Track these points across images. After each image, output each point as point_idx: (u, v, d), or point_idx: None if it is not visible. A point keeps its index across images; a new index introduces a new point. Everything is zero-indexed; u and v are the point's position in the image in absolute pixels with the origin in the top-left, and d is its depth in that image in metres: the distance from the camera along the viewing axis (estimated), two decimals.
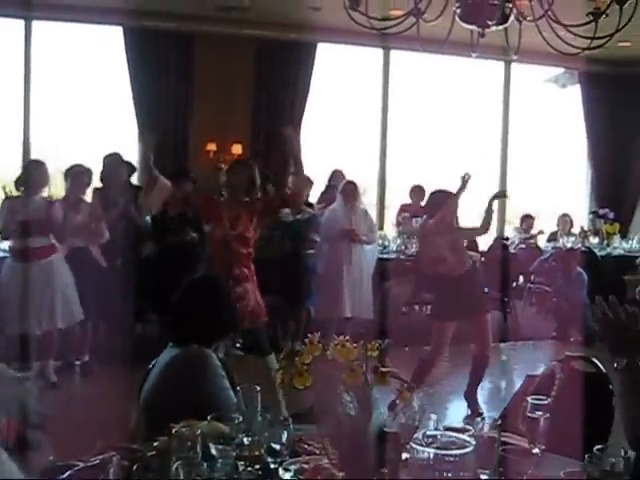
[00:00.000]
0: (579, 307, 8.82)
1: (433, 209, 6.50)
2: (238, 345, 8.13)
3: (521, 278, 10.14)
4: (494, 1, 4.42)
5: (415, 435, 1.85)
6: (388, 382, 1.96)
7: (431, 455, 1.81)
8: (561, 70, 12.56)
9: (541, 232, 10.72)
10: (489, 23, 4.34)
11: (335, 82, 11.00)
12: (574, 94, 12.28)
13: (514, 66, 11.61)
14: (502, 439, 2.22)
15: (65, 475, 1.87)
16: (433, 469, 1.85)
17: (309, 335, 2.02)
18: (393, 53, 11.03)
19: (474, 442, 1.88)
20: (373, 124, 11.19)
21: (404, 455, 1.95)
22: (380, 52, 11.04)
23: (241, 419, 2.32)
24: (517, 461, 2.16)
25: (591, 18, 4.64)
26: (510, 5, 4.28)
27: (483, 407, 6.87)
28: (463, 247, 6.66)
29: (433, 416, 2.18)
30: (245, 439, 2.29)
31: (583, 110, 12.07)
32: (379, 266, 8.63)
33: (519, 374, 8.22)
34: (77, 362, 7.21)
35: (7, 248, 6.94)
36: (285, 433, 2.39)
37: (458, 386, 7.51)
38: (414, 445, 1.81)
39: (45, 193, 6.73)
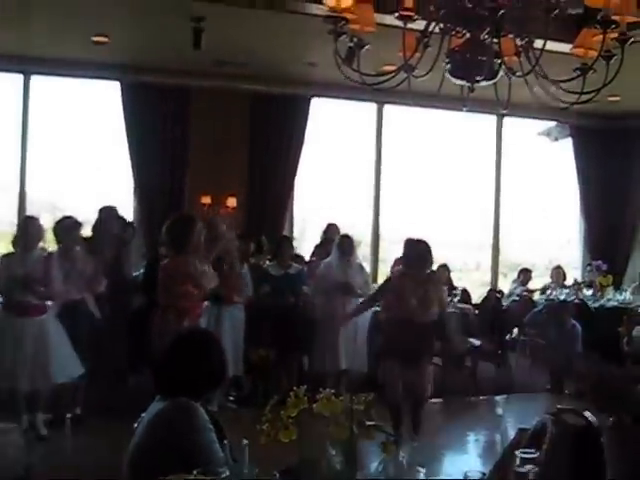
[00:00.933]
0: (573, 360, 8.82)
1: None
2: (231, 398, 8.11)
3: (515, 330, 10.12)
4: (482, 57, 4.52)
5: None
6: (374, 436, 1.96)
7: None
8: (553, 123, 12.71)
9: (545, 288, 10.69)
10: (478, 79, 4.43)
11: (329, 135, 11.12)
12: (566, 147, 12.42)
13: (506, 119, 11.77)
14: None
15: None
16: None
17: (294, 389, 2.02)
18: (386, 107, 11.17)
19: None
20: (367, 177, 11.29)
21: None
22: (374, 106, 11.18)
23: (227, 473, 2.32)
24: None
25: (579, 73, 4.74)
26: (499, 61, 4.38)
27: (477, 461, 6.82)
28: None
29: (422, 469, 2.17)
30: None
31: (575, 162, 12.20)
32: (375, 319, 8.61)
33: (513, 427, 8.17)
34: (69, 415, 7.14)
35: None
36: None
37: (450, 439, 7.48)
38: None
39: (40, 248, 6.76)
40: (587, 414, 3.50)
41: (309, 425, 1.97)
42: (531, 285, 10.97)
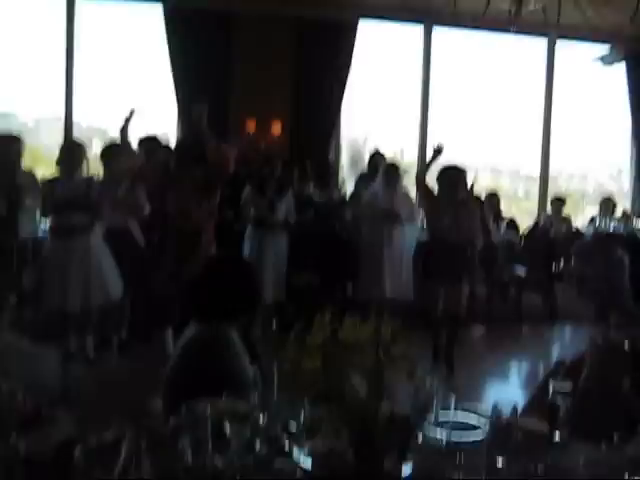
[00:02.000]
0: (619, 291, 8.69)
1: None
2: (274, 324, 8.15)
3: (562, 261, 9.97)
4: None
5: (428, 418, 1.83)
6: (400, 364, 1.92)
7: (443, 439, 1.79)
8: (606, 48, 12.25)
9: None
10: None
11: (375, 61, 10.88)
12: (619, 72, 11.98)
13: (558, 44, 11.37)
14: (523, 425, 2.19)
15: (76, 451, 1.89)
16: (445, 453, 1.83)
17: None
18: (435, 30, 10.87)
19: (488, 427, 1.85)
20: (414, 103, 11.07)
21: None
22: (421, 29, 10.89)
23: (257, 397, 2.31)
24: (534, 448, 2.12)
25: None
26: None
27: (515, 390, 6.83)
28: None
29: (452, 396, 2.14)
30: (261, 418, 2.28)
31: (628, 90, 11.76)
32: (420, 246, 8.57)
33: (556, 356, 8.16)
34: (115, 339, 7.28)
35: (48, 227, 7.06)
36: (302, 413, 2.38)
37: (491, 367, 7.47)
38: (426, 429, 1.79)
39: (84, 172, 6.82)
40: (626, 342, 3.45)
41: (333, 353, 1.95)
42: (580, 216, 10.79)
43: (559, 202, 10.46)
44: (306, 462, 2.04)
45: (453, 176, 6.98)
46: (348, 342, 1.91)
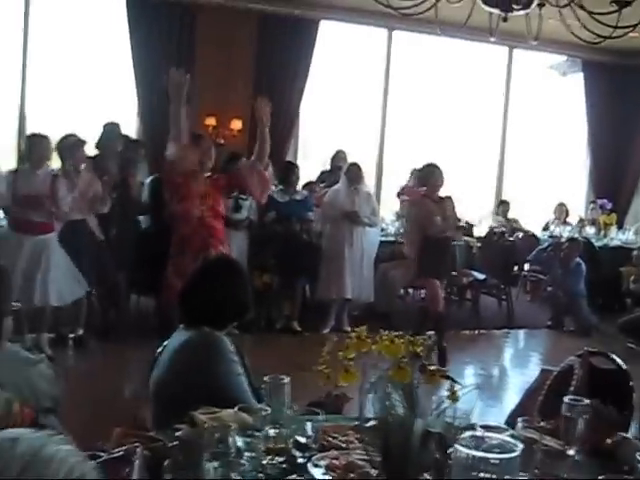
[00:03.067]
0: (576, 298, 8.81)
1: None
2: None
3: (521, 266, 10.08)
4: None
5: (460, 436, 1.78)
6: (438, 381, 1.88)
7: (476, 458, 1.74)
8: (563, 58, 12.45)
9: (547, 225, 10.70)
10: (515, 7, 4.26)
11: (337, 61, 10.85)
12: (576, 82, 12.20)
13: (517, 52, 11.49)
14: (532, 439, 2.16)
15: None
16: (477, 471, 1.78)
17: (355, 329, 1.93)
18: (396, 33, 10.88)
19: (520, 445, 1.81)
20: (374, 105, 11.06)
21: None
22: (384, 32, 10.89)
23: (269, 411, 2.25)
24: (554, 463, 2.10)
25: (615, 7, 4.56)
26: None
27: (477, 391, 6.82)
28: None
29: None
30: (271, 431, 2.22)
31: (585, 98, 11.97)
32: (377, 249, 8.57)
33: (515, 362, 8.24)
34: (71, 335, 7.11)
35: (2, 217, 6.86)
36: (310, 425, 2.33)
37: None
38: (459, 447, 1.73)
39: (48, 166, 6.63)
40: (615, 357, 3.45)
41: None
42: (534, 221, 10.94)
43: (505, 205, 10.65)
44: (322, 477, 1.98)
45: (440, 174, 7.37)
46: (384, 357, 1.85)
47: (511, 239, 9.62)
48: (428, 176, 7.44)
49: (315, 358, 2.01)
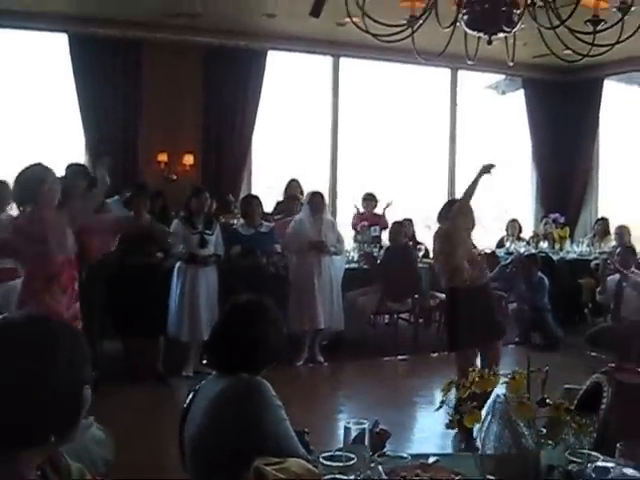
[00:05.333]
0: (542, 312, 8.91)
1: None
2: (204, 362, 7.87)
3: None
4: (503, 8, 4.37)
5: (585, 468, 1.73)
6: (565, 419, 1.82)
7: None
8: (501, 77, 12.70)
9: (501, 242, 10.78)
10: (506, 29, 4.28)
11: (285, 90, 10.82)
12: (517, 100, 12.44)
13: (461, 73, 11.67)
14: None
15: None
16: None
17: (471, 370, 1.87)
18: (342, 60, 10.94)
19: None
20: (323, 132, 11.07)
21: None
22: (329, 60, 10.93)
23: (354, 459, 2.14)
24: None
25: (590, 26, 4.62)
26: (518, 11, 4.24)
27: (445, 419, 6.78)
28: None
29: None
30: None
31: (527, 115, 12.23)
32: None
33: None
34: None
35: None
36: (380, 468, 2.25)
37: (418, 396, 7.38)
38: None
39: (9, 211, 6.36)
40: None
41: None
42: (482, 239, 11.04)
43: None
44: None
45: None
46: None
47: None
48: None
49: (297, 392, 1.93)
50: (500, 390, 1.89)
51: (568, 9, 3.88)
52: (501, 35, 4.51)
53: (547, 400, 1.85)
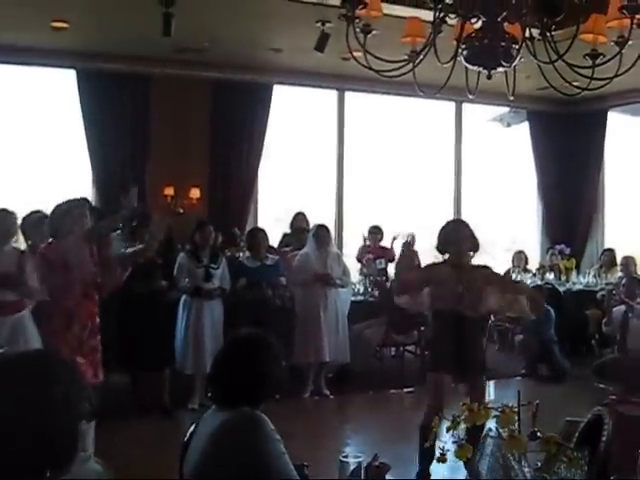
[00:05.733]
0: (548, 344, 8.87)
1: None
2: (209, 395, 7.86)
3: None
4: (501, 43, 4.42)
5: None
6: (555, 450, 1.83)
7: None
8: (506, 109, 12.76)
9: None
10: (505, 64, 4.33)
11: (291, 123, 10.92)
12: (522, 132, 12.51)
13: (465, 105, 11.75)
14: None
15: None
16: None
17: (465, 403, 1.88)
18: (347, 94, 11.05)
19: None
20: (329, 164, 11.14)
21: None
22: (334, 93, 11.03)
23: None
24: None
25: (589, 60, 4.65)
26: (516, 46, 4.29)
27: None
28: None
29: None
30: None
31: (532, 147, 12.29)
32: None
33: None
34: None
35: None
36: None
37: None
38: None
39: (14, 243, 6.39)
40: None
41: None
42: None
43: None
44: None
45: None
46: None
47: None
48: None
49: (302, 425, 1.93)
50: (492, 424, 1.90)
51: (566, 43, 3.94)
52: (500, 70, 4.57)
53: (538, 433, 1.85)
